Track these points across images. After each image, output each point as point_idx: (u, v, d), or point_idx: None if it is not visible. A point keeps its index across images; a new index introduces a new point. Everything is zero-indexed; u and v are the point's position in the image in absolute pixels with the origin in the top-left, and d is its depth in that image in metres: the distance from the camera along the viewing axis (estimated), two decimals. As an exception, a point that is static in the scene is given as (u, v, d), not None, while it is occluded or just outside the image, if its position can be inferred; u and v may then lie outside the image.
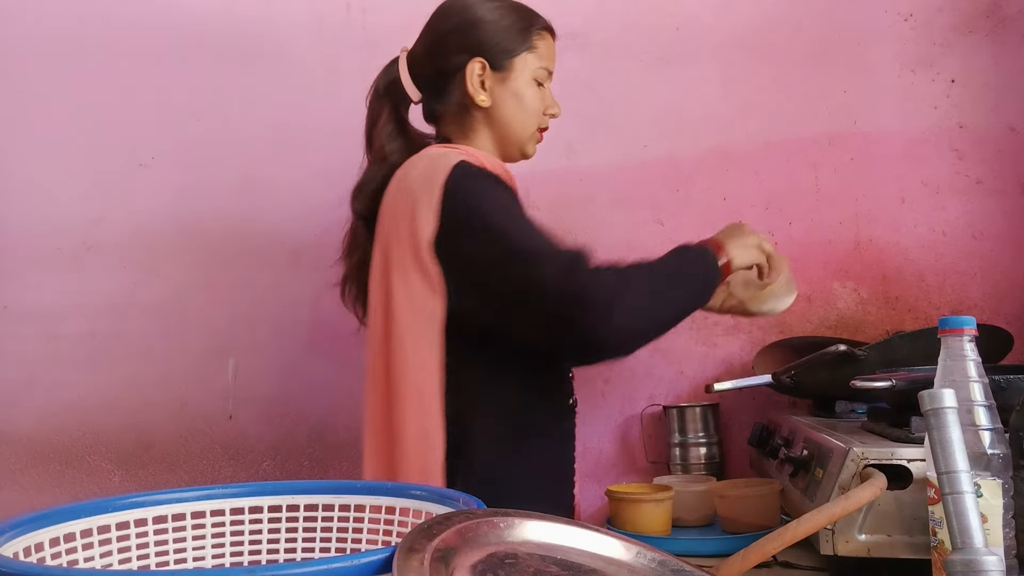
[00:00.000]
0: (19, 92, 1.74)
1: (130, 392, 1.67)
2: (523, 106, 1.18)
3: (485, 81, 1.16)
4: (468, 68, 1.15)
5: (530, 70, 1.18)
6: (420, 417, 1.05)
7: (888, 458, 0.89)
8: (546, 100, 1.21)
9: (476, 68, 1.15)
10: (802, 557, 0.99)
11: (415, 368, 1.06)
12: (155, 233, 1.70)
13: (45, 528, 0.64)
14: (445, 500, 0.72)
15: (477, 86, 1.16)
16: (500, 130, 1.19)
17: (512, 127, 1.19)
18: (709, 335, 1.63)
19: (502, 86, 1.17)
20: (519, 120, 1.19)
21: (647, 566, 0.66)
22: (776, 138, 1.65)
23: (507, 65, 1.16)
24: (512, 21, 1.17)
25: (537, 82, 1.19)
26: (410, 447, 1.05)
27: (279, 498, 0.78)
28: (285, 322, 1.69)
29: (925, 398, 0.67)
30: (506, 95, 1.17)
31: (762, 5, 1.67)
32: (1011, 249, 1.57)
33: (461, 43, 1.16)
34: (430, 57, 1.19)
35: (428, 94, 1.20)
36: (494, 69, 1.16)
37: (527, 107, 1.18)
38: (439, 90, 1.18)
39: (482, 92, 1.16)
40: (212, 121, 1.72)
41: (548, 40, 1.21)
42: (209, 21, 1.74)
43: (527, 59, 1.17)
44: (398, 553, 0.51)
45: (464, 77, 1.15)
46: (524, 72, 1.17)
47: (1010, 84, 1.59)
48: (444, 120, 1.21)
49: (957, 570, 0.61)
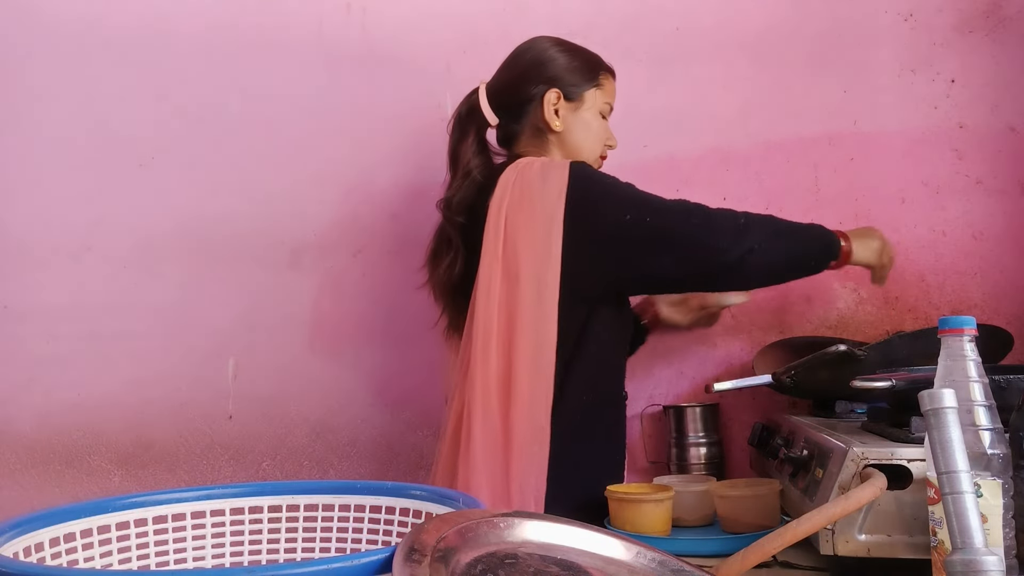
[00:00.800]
0: (19, 92, 1.74)
1: (130, 392, 1.67)
2: (590, 133, 1.34)
3: (559, 109, 1.31)
4: (546, 96, 1.31)
5: (597, 104, 1.34)
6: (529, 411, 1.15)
7: (888, 458, 0.89)
8: (607, 132, 1.38)
9: (552, 97, 1.31)
10: (802, 557, 0.99)
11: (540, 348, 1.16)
12: (155, 233, 1.70)
13: (45, 528, 0.64)
14: (445, 500, 0.72)
15: (552, 114, 1.31)
16: (571, 152, 1.34)
17: (581, 151, 1.34)
18: (709, 335, 1.63)
19: (574, 115, 1.33)
20: (587, 146, 1.34)
21: (647, 566, 0.66)
22: (776, 138, 1.65)
23: (579, 97, 1.33)
24: (582, 62, 1.34)
25: (602, 115, 1.36)
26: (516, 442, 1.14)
27: (279, 498, 0.78)
28: (285, 322, 1.69)
29: (925, 398, 0.67)
30: (577, 123, 1.33)
31: (762, 5, 1.67)
32: (1011, 249, 1.57)
33: (540, 75, 1.32)
34: (510, 86, 1.34)
35: (506, 119, 1.35)
36: (567, 99, 1.32)
37: (594, 135, 1.35)
38: (518, 115, 1.34)
39: (556, 119, 1.31)
40: (212, 121, 1.72)
41: (611, 80, 1.37)
42: (209, 21, 1.74)
43: (595, 94, 1.34)
44: (398, 553, 0.51)
45: (542, 104, 1.31)
46: (593, 105, 1.34)
47: (1010, 84, 1.59)
48: (520, 142, 1.35)
49: (957, 570, 0.61)
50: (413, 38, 1.72)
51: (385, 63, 1.72)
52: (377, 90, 1.72)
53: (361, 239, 1.69)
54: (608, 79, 1.37)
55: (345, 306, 1.69)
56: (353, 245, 1.70)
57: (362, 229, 1.70)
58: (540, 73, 1.32)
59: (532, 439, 1.13)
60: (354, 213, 1.70)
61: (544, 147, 1.34)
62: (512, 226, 1.20)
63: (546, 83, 1.31)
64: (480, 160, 1.34)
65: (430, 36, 1.72)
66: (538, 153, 1.32)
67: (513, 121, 1.35)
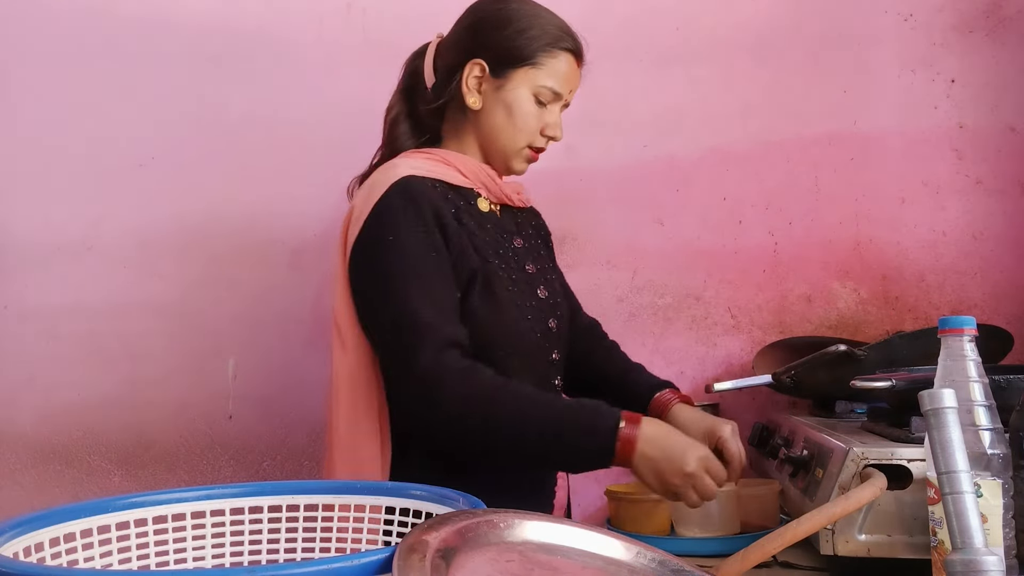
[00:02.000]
0: (19, 92, 1.74)
1: (130, 392, 1.67)
2: (512, 120, 1.14)
3: (482, 84, 1.14)
4: (467, 67, 1.14)
5: (531, 85, 1.13)
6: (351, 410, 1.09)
7: (888, 458, 0.89)
8: (546, 120, 1.16)
9: (475, 70, 1.14)
10: (802, 557, 0.99)
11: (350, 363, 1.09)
12: (155, 233, 1.70)
13: (45, 528, 0.64)
14: (445, 500, 0.72)
15: (472, 87, 1.14)
16: (486, 137, 1.17)
17: (498, 138, 1.16)
18: (709, 335, 1.63)
19: (496, 94, 1.14)
20: (506, 133, 1.15)
21: (647, 566, 0.66)
22: (776, 138, 1.65)
23: (506, 74, 1.13)
24: (533, 34, 1.13)
25: (538, 100, 1.15)
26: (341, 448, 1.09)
27: (279, 498, 0.78)
28: (285, 322, 1.68)
29: (925, 398, 0.67)
30: (497, 103, 1.14)
31: (762, 5, 1.67)
32: (1011, 249, 1.57)
33: (471, 42, 1.15)
34: (447, 48, 1.19)
35: (436, 86, 1.19)
36: (493, 75, 1.14)
37: (517, 121, 1.14)
38: (444, 84, 1.17)
39: (475, 94, 1.14)
40: (212, 121, 1.72)
41: (564, 60, 1.15)
42: (209, 21, 1.73)
43: (529, 73, 1.13)
44: (398, 553, 0.51)
45: (463, 76, 1.14)
46: (522, 86, 1.14)
47: (1010, 84, 1.59)
48: (445, 116, 1.21)
49: (957, 570, 0.61)
50: (413, 38, 1.72)
51: (385, 63, 1.72)
52: (377, 90, 1.72)
53: (361, 239, 1.69)
54: (555, 59, 1.13)
55: (345, 306, 1.69)
56: (353, 245, 1.69)
57: (362, 229, 1.69)
58: (472, 39, 1.15)
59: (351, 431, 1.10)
60: (354, 213, 1.70)
61: (462, 127, 1.18)
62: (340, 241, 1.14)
63: (473, 51, 1.14)
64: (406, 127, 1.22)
65: (430, 36, 1.71)
66: (454, 132, 1.20)
67: (440, 89, 1.17)
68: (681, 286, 1.66)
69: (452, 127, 1.20)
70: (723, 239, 1.66)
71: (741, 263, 1.65)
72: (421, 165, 1.13)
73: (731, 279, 1.65)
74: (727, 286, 1.65)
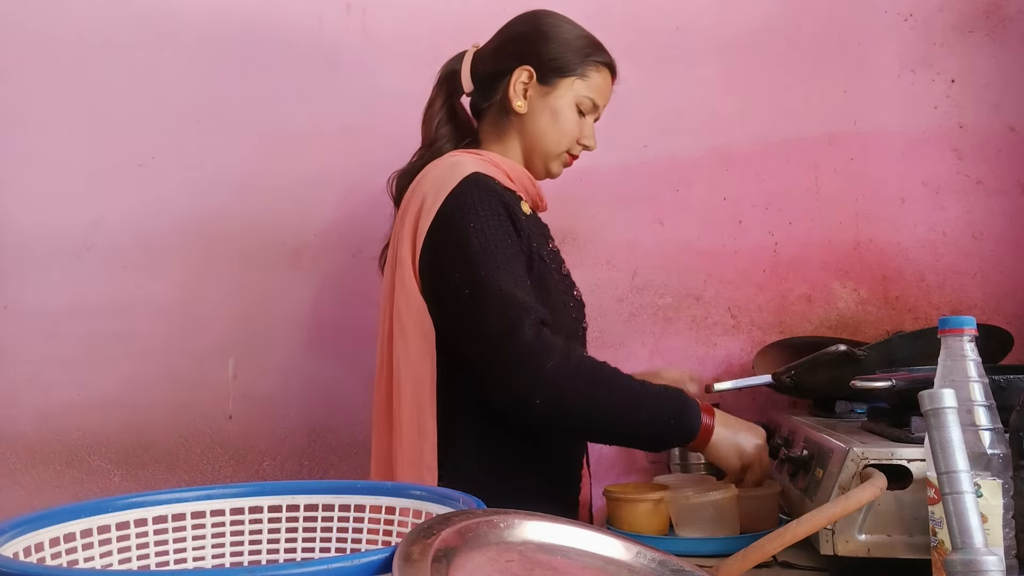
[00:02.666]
0: (20, 92, 1.74)
1: (130, 392, 1.67)
2: (557, 124, 1.22)
3: (528, 90, 1.21)
4: (515, 73, 1.20)
5: (574, 95, 1.21)
6: (415, 409, 1.10)
7: (888, 458, 0.89)
8: (583, 130, 1.24)
9: (523, 76, 1.20)
10: (802, 557, 0.98)
11: (412, 361, 1.10)
12: (155, 233, 1.70)
13: (45, 528, 0.64)
14: (445, 500, 0.72)
15: (519, 92, 1.21)
16: (530, 141, 1.23)
17: (542, 141, 1.23)
18: (709, 335, 1.63)
19: (542, 99, 1.21)
20: (550, 137, 1.22)
21: (647, 566, 0.66)
22: (776, 138, 1.65)
23: (553, 82, 1.21)
24: (577, 47, 1.21)
25: (579, 109, 1.23)
26: (405, 438, 1.10)
27: (279, 498, 0.78)
28: (285, 322, 1.68)
29: (925, 398, 0.67)
30: (543, 109, 1.21)
31: (762, 5, 1.67)
32: (1011, 249, 1.57)
33: (520, 49, 1.22)
34: (490, 55, 1.25)
35: (479, 90, 1.25)
36: (540, 82, 1.21)
37: (561, 127, 1.22)
38: (488, 90, 1.23)
39: (521, 99, 1.21)
40: (212, 121, 1.72)
41: (604, 75, 1.24)
42: (209, 21, 1.73)
43: (575, 83, 1.21)
44: (398, 553, 0.51)
45: (510, 81, 1.20)
46: (568, 94, 1.21)
47: (1010, 84, 1.59)
48: (484, 119, 1.26)
49: (957, 570, 0.61)
50: (413, 38, 1.72)
51: (385, 63, 1.72)
52: (377, 90, 1.72)
53: (361, 239, 1.69)
54: (598, 72, 1.23)
55: (345, 306, 1.69)
56: (353, 245, 1.69)
57: (362, 229, 1.69)
58: (521, 47, 1.22)
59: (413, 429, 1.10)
60: (354, 213, 1.70)
61: (505, 130, 1.24)
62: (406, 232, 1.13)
63: (521, 58, 1.20)
64: (447, 129, 1.25)
65: (429, 36, 1.72)
66: (496, 136, 1.24)
67: (483, 94, 1.24)
68: (681, 286, 1.66)
69: (493, 130, 1.25)
70: (723, 239, 1.66)
71: (741, 263, 1.65)
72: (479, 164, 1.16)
73: (731, 279, 1.65)
74: (727, 286, 1.65)
